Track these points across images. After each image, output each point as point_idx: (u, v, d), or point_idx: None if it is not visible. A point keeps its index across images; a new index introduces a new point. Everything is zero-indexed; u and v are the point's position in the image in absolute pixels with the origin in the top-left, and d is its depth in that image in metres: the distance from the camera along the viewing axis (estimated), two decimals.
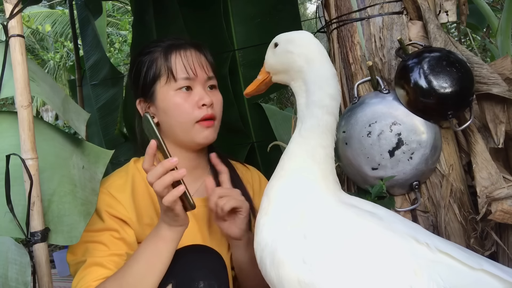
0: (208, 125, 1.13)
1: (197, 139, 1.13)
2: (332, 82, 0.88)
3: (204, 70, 1.16)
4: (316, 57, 0.89)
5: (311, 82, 0.88)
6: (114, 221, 1.06)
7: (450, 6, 1.20)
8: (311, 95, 0.88)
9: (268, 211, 0.87)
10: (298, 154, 0.89)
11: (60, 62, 8.27)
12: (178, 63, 1.13)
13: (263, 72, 1.01)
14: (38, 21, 7.94)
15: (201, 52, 1.19)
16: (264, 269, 0.84)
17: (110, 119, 2.82)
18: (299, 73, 0.91)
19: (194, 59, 1.15)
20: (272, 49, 0.96)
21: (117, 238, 1.05)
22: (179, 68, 1.13)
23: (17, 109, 0.93)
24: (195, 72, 1.14)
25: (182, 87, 1.12)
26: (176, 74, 1.13)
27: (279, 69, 0.95)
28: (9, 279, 0.86)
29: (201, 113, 1.12)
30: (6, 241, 0.89)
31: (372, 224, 0.79)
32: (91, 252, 1.02)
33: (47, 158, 0.99)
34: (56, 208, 0.96)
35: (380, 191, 1.10)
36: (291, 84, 0.94)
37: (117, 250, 1.03)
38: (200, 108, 1.12)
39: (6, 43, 0.95)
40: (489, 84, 1.09)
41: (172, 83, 1.13)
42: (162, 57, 1.15)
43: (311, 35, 0.93)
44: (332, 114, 0.88)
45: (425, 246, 0.75)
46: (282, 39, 0.95)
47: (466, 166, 1.17)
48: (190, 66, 1.13)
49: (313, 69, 0.89)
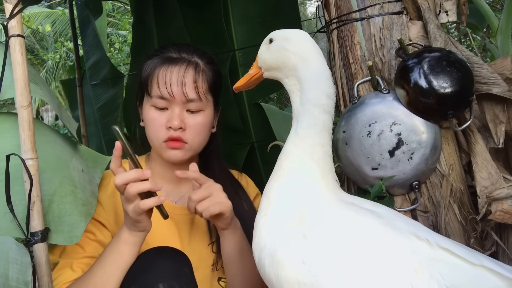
0: (174, 146, 1.11)
1: (164, 157, 1.13)
2: (328, 81, 0.88)
3: (183, 92, 1.09)
4: (312, 56, 0.89)
5: (306, 80, 0.88)
6: (91, 223, 1.08)
7: (450, 6, 1.20)
8: (306, 94, 0.88)
9: (267, 211, 0.87)
10: (296, 153, 0.88)
11: (60, 62, 8.27)
12: (161, 79, 1.10)
13: (255, 66, 1.00)
14: (38, 21, 7.94)
15: (195, 71, 1.12)
16: (263, 270, 0.83)
17: (110, 119, 2.82)
18: (293, 70, 0.91)
19: (178, 78, 1.10)
20: (267, 44, 0.96)
21: (93, 240, 1.07)
22: (155, 86, 1.11)
23: (17, 109, 0.93)
24: (171, 94, 1.09)
25: (156, 105, 1.11)
26: (151, 91, 1.12)
27: (272, 65, 0.95)
28: (10, 279, 0.86)
29: (166, 134, 1.10)
30: (7, 241, 0.89)
31: (372, 222, 0.79)
32: (67, 253, 1.04)
33: (48, 158, 0.99)
34: (56, 208, 0.96)
35: (380, 191, 1.10)
36: (284, 81, 0.94)
37: (92, 253, 1.05)
38: (167, 129, 1.10)
39: (6, 43, 0.95)
40: (489, 84, 1.09)
41: (149, 98, 1.13)
42: (151, 69, 1.13)
43: (307, 34, 0.93)
44: (328, 113, 0.88)
45: (425, 243, 0.76)
46: (278, 35, 0.94)
47: (466, 166, 1.17)
48: (166, 86, 1.09)
49: (309, 67, 0.88)
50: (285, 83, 0.94)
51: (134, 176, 0.90)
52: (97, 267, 0.97)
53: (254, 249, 0.87)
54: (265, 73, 0.98)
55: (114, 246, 0.98)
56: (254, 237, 0.88)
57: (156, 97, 1.10)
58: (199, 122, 1.13)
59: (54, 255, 1.05)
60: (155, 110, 1.12)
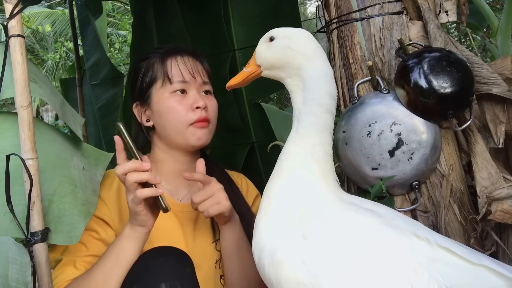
0: (202, 126, 1.16)
1: (191, 141, 1.16)
2: (332, 81, 0.88)
3: (200, 75, 1.19)
4: (317, 55, 0.89)
5: (310, 80, 0.88)
6: (95, 222, 1.08)
7: (450, 6, 1.20)
8: (309, 93, 0.87)
9: (268, 211, 0.87)
10: (297, 153, 0.88)
11: (59, 62, 8.27)
12: (174, 67, 1.17)
13: (253, 64, 0.98)
14: (38, 21, 7.94)
15: (198, 59, 1.23)
16: (263, 270, 0.83)
17: (110, 119, 2.82)
18: (297, 70, 0.90)
19: (190, 64, 1.19)
20: (267, 42, 0.95)
21: (97, 239, 1.07)
22: (175, 71, 1.17)
23: (17, 109, 0.93)
24: (192, 75, 1.17)
25: (177, 90, 1.16)
26: (172, 77, 1.16)
27: (275, 64, 0.93)
28: (10, 279, 0.86)
29: (194, 115, 1.15)
30: (6, 241, 0.89)
31: (372, 222, 0.79)
32: (70, 251, 1.04)
33: (48, 158, 0.99)
34: (56, 208, 0.96)
35: (380, 191, 1.10)
36: (287, 81, 0.93)
37: (95, 251, 1.05)
38: (194, 111, 1.15)
39: (6, 43, 0.95)
40: (489, 84, 1.09)
41: (167, 86, 1.16)
42: (159, 62, 1.19)
43: (309, 33, 0.93)
44: (331, 113, 0.88)
45: (425, 242, 0.76)
46: (279, 33, 0.93)
47: (466, 166, 1.17)
48: (188, 70, 1.18)
49: (314, 67, 0.88)
50: (288, 83, 0.93)
51: (133, 166, 0.93)
52: (99, 263, 0.98)
53: (254, 249, 0.87)
54: (264, 72, 0.97)
55: (116, 242, 0.98)
56: (254, 237, 0.88)
57: (178, 81, 1.16)
58: (214, 104, 1.22)
59: (56, 253, 1.05)
60: (175, 96, 1.15)
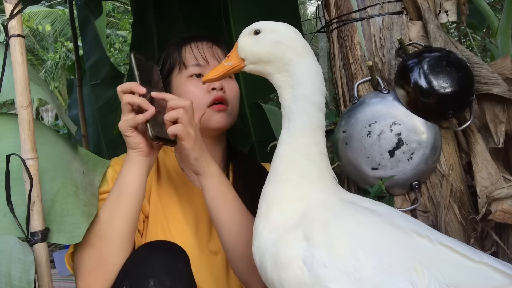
0: (219, 108, 1.16)
1: (210, 124, 1.16)
2: (321, 78, 0.87)
3: (216, 58, 1.20)
4: (307, 51, 0.87)
5: (301, 76, 0.85)
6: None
7: (450, 6, 1.20)
8: (301, 90, 0.85)
9: (267, 216, 0.86)
10: (290, 155, 0.86)
11: (59, 62, 8.27)
12: (188, 52, 1.20)
13: (235, 58, 0.92)
14: (38, 20, 7.94)
15: (217, 45, 1.24)
16: (265, 273, 0.83)
17: (110, 119, 2.82)
18: (286, 65, 0.86)
19: (205, 48, 1.20)
20: (252, 35, 0.89)
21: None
22: (188, 56, 1.19)
23: (17, 109, 0.93)
24: (206, 59, 1.18)
25: (193, 75, 1.17)
26: (186, 61, 1.18)
27: (262, 58, 0.88)
28: (13, 278, 0.86)
29: (210, 96, 1.15)
30: (10, 240, 0.88)
31: (372, 221, 0.79)
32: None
33: (50, 159, 0.99)
34: (59, 207, 0.96)
35: (380, 191, 1.10)
36: (275, 76, 0.89)
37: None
38: (209, 92, 1.15)
39: (6, 43, 0.95)
40: (489, 84, 1.09)
41: (183, 71, 1.19)
42: (175, 49, 1.21)
43: (295, 29, 0.90)
44: (322, 110, 0.86)
45: (426, 240, 0.75)
46: (265, 27, 0.89)
47: (466, 166, 1.17)
48: (201, 54, 1.19)
49: (304, 63, 0.86)
50: (276, 78, 0.89)
51: (130, 86, 0.97)
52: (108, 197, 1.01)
53: (254, 253, 0.86)
54: (249, 66, 0.92)
55: (119, 174, 1.01)
56: (254, 241, 0.87)
57: (192, 65, 1.17)
58: (233, 86, 1.22)
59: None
60: (192, 80, 1.17)
